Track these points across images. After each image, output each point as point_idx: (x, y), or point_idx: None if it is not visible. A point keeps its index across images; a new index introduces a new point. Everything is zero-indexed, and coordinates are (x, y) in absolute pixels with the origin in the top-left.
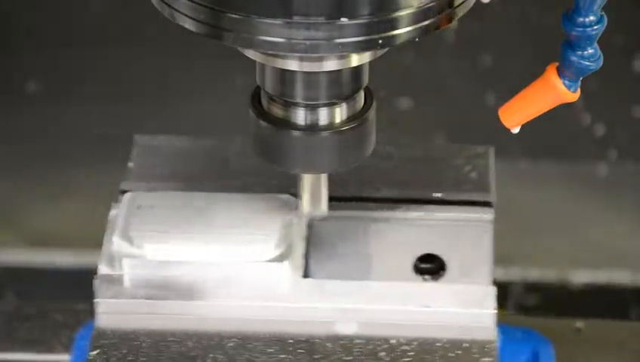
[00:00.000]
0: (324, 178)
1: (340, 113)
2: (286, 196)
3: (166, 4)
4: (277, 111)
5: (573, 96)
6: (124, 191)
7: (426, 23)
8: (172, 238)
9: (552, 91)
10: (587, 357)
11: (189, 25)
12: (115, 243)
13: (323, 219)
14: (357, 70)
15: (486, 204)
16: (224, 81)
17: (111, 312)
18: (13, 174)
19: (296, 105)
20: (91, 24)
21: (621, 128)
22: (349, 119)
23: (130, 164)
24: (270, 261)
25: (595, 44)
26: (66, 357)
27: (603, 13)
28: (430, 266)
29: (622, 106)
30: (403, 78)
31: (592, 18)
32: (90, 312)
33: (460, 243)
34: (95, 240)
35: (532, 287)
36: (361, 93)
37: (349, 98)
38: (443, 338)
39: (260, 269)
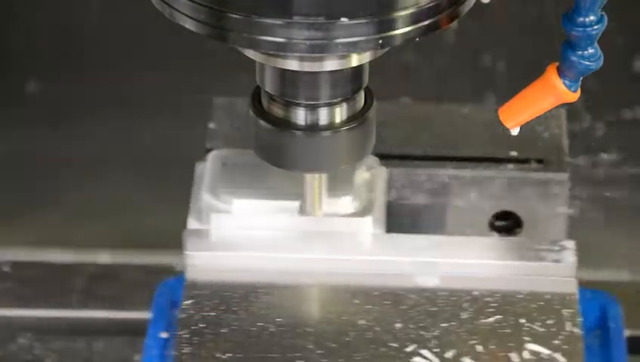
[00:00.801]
0: (324, 178)
1: (340, 113)
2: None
3: (166, 3)
4: (277, 111)
5: (573, 96)
6: (208, 150)
7: (426, 22)
8: (256, 194)
9: (552, 91)
10: None
11: (189, 25)
12: (204, 198)
13: (400, 178)
14: (357, 70)
15: (560, 163)
16: (224, 81)
17: (200, 265)
18: (13, 174)
19: (296, 105)
20: (91, 24)
21: (621, 128)
22: (350, 119)
23: (212, 125)
24: (353, 215)
25: (595, 44)
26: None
27: (603, 13)
28: (506, 223)
29: (622, 106)
30: (403, 78)
31: (592, 18)
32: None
33: (535, 201)
34: (95, 240)
35: None
36: (362, 93)
37: (349, 98)
38: (524, 291)
39: (343, 223)
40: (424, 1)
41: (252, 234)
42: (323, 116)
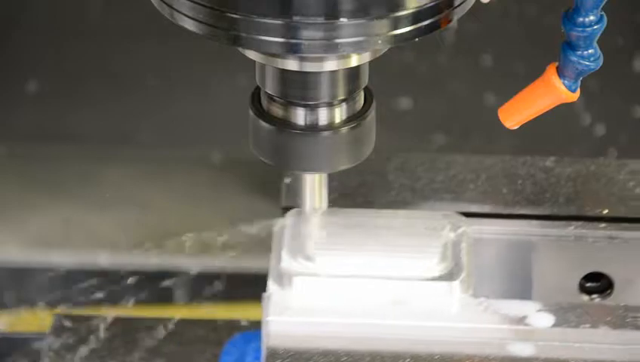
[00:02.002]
0: (324, 178)
1: (340, 113)
2: (452, 213)
3: (166, 4)
4: (277, 111)
5: (573, 96)
6: (285, 208)
7: (426, 22)
8: (340, 255)
9: (552, 91)
10: None
11: (188, 25)
12: (284, 260)
13: (485, 238)
14: (357, 70)
15: None
16: (224, 81)
17: (281, 331)
18: (13, 174)
19: (295, 105)
20: (91, 24)
21: (621, 128)
22: (349, 119)
23: (287, 180)
24: (440, 279)
25: (595, 44)
26: None
27: (603, 13)
28: (596, 285)
29: (622, 106)
30: (403, 78)
31: (591, 18)
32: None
33: (627, 261)
34: (95, 240)
35: None
36: (361, 93)
37: (348, 98)
38: (620, 360)
39: (430, 288)
40: (424, 1)
41: (335, 299)
42: (322, 116)
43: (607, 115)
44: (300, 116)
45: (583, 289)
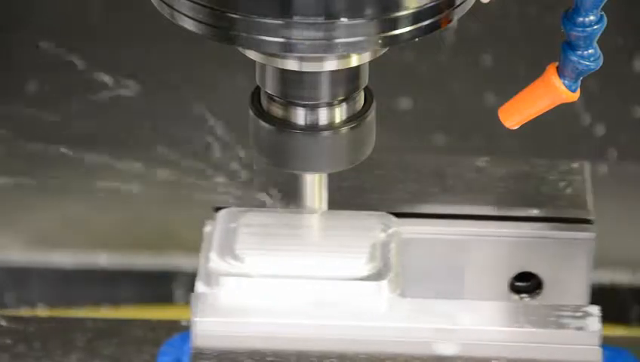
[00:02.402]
0: (324, 178)
1: (340, 113)
2: (382, 213)
3: (166, 4)
4: (277, 111)
5: (573, 96)
6: (217, 208)
7: (426, 23)
8: (269, 256)
9: (552, 91)
10: None
11: (188, 25)
12: (212, 260)
13: (416, 238)
14: (357, 70)
15: (585, 221)
16: (224, 81)
17: (208, 331)
18: (13, 174)
19: (295, 105)
20: (91, 24)
21: (621, 128)
22: (349, 119)
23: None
24: (368, 279)
25: (595, 44)
26: None
27: (603, 13)
28: (526, 284)
29: (622, 106)
30: (403, 78)
31: (592, 18)
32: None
33: (557, 261)
34: (95, 241)
35: None
36: (361, 93)
37: (348, 98)
38: (545, 359)
39: (357, 288)
40: (424, 1)
41: (263, 299)
42: (323, 116)
43: (607, 115)
44: (300, 116)
45: (514, 289)
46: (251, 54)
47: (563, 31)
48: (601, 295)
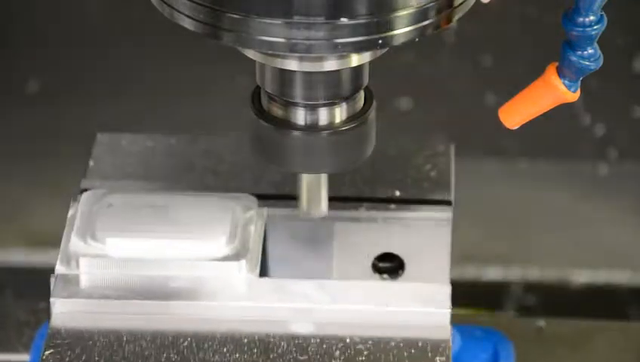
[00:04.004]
0: (323, 178)
1: (340, 113)
2: (245, 195)
3: (166, 3)
4: (277, 111)
5: (573, 96)
6: (83, 190)
7: (426, 23)
8: (129, 237)
9: (552, 91)
10: (547, 357)
11: (188, 24)
12: (72, 241)
13: (281, 218)
14: (357, 70)
15: (445, 203)
16: (224, 81)
17: (66, 312)
18: (13, 174)
19: (295, 105)
20: (91, 24)
21: (621, 128)
22: (349, 119)
23: (91, 163)
24: (226, 259)
25: (595, 44)
26: (26, 357)
27: (603, 13)
28: (389, 265)
29: (622, 106)
30: (403, 78)
31: (592, 18)
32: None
33: (418, 243)
34: None
35: (532, 287)
36: (361, 93)
37: (348, 98)
38: (398, 337)
39: (215, 268)
40: (424, 1)
41: (122, 279)
42: (323, 116)
43: (607, 115)
44: (300, 116)
45: (377, 269)
46: (251, 54)
47: (563, 31)
48: (600, 294)
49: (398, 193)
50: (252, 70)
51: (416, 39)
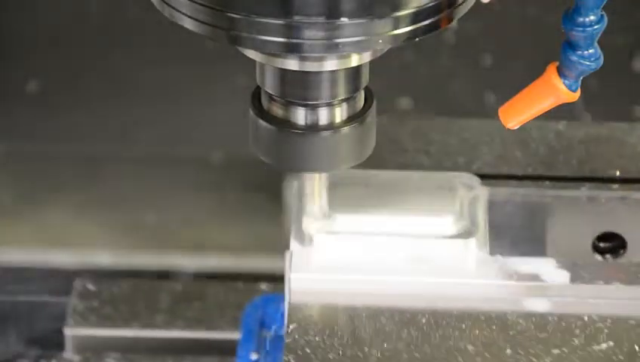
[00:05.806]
0: (324, 178)
1: (340, 113)
2: (466, 174)
3: (166, 3)
4: (277, 110)
5: (573, 96)
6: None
7: (426, 22)
8: (358, 214)
9: (552, 91)
10: None
11: (188, 24)
12: (305, 219)
13: (498, 200)
14: (357, 70)
15: None
16: (224, 81)
17: (304, 287)
18: (13, 174)
19: (296, 104)
20: (91, 24)
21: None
22: (349, 119)
23: None
24: (457, 237)
25: (595, 44)
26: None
27: (603, 13)
28: (610, 245)
29: (622, 106)
30: (403, 78)
31: (592, 18)
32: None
33: (639, 221)
34: (95, 240)
35: None
36: (362, 93)
37: (349, 98)
38: (634, 315)
39: (446, 246)
40: (424, 1)
41: (356, 257)
42: (323, 116)
43: (607, 115)
44: (300, 116)
45: (597, 250)
46: (251, 54)
47: (563, 31)
48: None
49: (618, 173)
50: (252, 70)
51: (417, 39)
